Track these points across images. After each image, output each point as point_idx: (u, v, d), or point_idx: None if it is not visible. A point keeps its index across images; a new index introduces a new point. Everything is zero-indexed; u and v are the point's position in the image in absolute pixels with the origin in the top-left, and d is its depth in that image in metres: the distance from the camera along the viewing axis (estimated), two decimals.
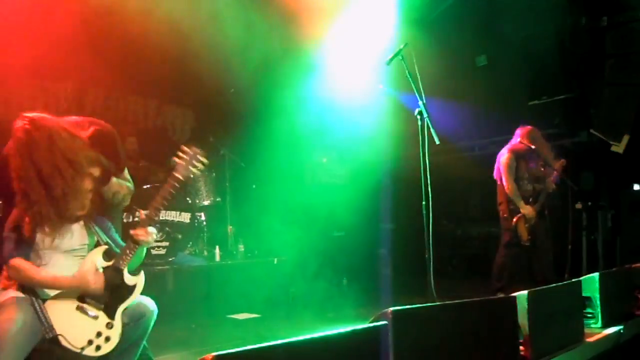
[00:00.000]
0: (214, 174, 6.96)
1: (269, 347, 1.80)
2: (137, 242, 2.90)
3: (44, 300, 2.73)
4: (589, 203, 6.38)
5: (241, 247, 6.77)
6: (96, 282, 2.80)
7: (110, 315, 2.84)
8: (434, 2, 7.22)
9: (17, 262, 2.70)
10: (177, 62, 6.15)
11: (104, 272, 2.85)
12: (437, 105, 6.61)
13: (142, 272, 2.98)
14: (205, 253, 6.52)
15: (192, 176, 3.08)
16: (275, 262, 6.37)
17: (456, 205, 8.18)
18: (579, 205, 6.31)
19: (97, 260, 2.87)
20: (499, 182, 5.62)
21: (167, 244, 5.97)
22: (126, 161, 4.00)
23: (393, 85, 7.07)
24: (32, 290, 2.73)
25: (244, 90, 5.37)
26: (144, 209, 5.63)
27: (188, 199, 6.52)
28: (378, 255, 7.51)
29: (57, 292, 2.77)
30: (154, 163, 7.12)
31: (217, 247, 6.53)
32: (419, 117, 4.24)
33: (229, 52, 5.84)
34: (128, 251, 2.91)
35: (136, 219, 5.88)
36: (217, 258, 6.44)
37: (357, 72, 6.91)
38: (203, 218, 6.67)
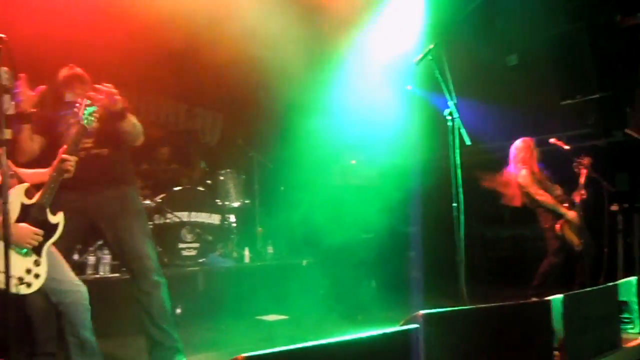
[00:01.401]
0: (243, 176, 7.01)
1: (300, 349, 1.79)
2: (64, 171, 3.02)
3: None
4: (625, 205, 6.22)
5: (270, 249, 6.80)
6: (17, 235, 2.83)
7: (37, 252, 2.96)
8: (463, 2, 7.14)
9: None
10: (208, 66, 6.20)
11: (27, 209, 2.94)
12: (467, 105, 6.53)
13: (61, 212, 3.08)
14: (235, 254, 6.57)
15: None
16: (305, 264, 6.37)
17: (486, 206, 8.05)
18: (614, 207, 6.16)
19: (18, 199, 2.94)
20: (517, 204, 5.59)
21: (197, 245, 6.03)
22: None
23: (422, 86, 7.04)
24: None
25: (273, 92, 5.39)
26: (176, 211, 5.71)
27: (218, 200, 6.58)
28: (407, 258, 7.45)
29: None
30: (184, 165, 7.20)
31: (246, 248, 6.56)
32: (449, 117, 4.19)
33: (257, 54, 5.87)
34: (52, 185, 3.01)
35: (167, 220, 5.97)
36: (247, 260, 6.48)
37: (386, 73, 6.89)
38: (232, 220, 6.72)
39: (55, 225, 3.07)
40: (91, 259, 5.30)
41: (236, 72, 6.20)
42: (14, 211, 2.90)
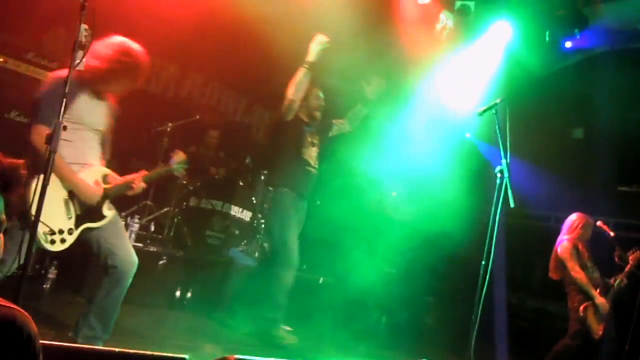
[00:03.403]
0: None
1: None
2: (131, 189, 3.42)
3: None
4: None
5: None
6: (93, 193, 3.23)
7: (76, 224, 3.18)
8: (540, 66, 7.06)
9: (43, 130, 2.87)
10: (275, 68, 6.30)
11: (99, 189, 3.28)
12: (521, 166, 6.45)
13: (114, 211, 3.40)
14: (257, 255, 6.59)
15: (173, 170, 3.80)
16: (321, 281, 6.35)
17: (517, 272, 7.88)
18: None
19: (98, 176, 3.33)
20: (556, 277, 5.46)
21: (223, 236, 6.09)
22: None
23: (481, 137, 6.97)
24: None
25: (330, 106, 5.43)
26: (211, 198, 5.93)
27: (253, 198, 6.63)
28: (425, 302, 7.33)
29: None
30: (230, 155, 7.32)
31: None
32: (499, 174, 4.13)
33: (331, 70, 5.92)
34: (120, 188, 3.39)
35: (201, 205, 6.08)
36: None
37: (448, 114, 6.85)
38: (262, 220, 6.76)
39: (102, 217, 3.32)
40: None
41: None
42: (90, 179, 3.27)
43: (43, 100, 3.10)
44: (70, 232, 3.14)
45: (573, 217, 5.58)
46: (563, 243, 5.44)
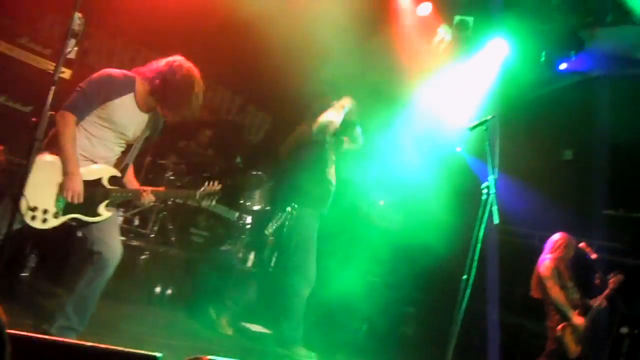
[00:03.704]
0: (271, 183, 7.03)
1: None
2: (138, 199, 3.40)
3: None
4: (636, 331, 6.01)
5: (274, 261, 6.76)
6: (77, 189, 3.15)
7: (65, 211, 3.18)
8: (534, 85, 7.10)
9: (69, 117, 3.10)
10: (271, 70, 6.31)
11: (98, 185, 3.28)
12: (509, 183, 6.48)
13: (114, 212, 3.39)
14: (240, 255, 6.55)
15: (200, 201, 3.65)
16: None
17: (499, 288, 7.89)
18: (624, 330, 5.97)
19: (104, 175, 3.31)
20: (537, 295, 5.49)
21: (207, 234, 6.07)
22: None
23: (471, 152, 6.99)
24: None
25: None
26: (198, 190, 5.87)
27: (241, 199, 6.60)
28: (405, 313, 7.33)
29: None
30: (220, 154, 7.30)
31: (252, 252, 6.55)
32: (485, 190, 4.14)
33: (327, 75, 5.92)
34: (126, 195, 3.39)
35: (188, 202, 6.03)
36: (249, 263, 6.46)
37: (440, 127, 6.87)
38: (249, 221, 6.73)
39: (96, 214, 3.29)
40: None
41: (296, 84, 6.27)
42: (94, 175, 3.27)
43: (85, 90, 3.20)
44: (55, 215, 3.15)
45: (556, 237, 5.62)
46: (545, 262, 5.47)
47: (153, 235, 5.77)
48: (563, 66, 6.54)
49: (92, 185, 3.26)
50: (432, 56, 6.72)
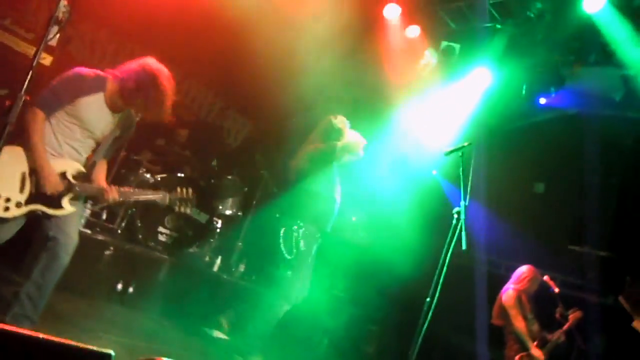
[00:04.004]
0: (245, 189, 7.00)
1: None
2: (102, 196, 3.42)
3: None
4: None
5: (242, 267, 6.72)
6: (54, 181, 3.23)
7: (27, 201, 3.20)
8: (512, 117, 7.22)
9: (38, 113, 3.18)
10: (256, 77, 6.31)
11: (64, 178, 3.30)
12: (480, 211, 6.55)
13: (76, 207, 3.38)
14: (207, 259, 6.50)
15: (171, 205, 3.70)
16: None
17: (461, 315, 7.94)
18: None
19: (69, 169, 3.34)
20: (498, 323, 5.55)
21: (175, 235, 6.00)
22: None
23: (446, 175, 7.06)
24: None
25: (305, 125, 5.46)
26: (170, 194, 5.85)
27: (213, 201, 6.56)
28: (368, 330, 7.32)
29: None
30: (195, 155, 7.25)
31: (219, 257, 6.51)
32: (455, 216, 4.17)
33: (305, 86, 5.94)
34: (90, 192, 3.42)
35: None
36: (215, 268, 6.41)
37: (417, 149, 6.93)
38: (219, 225, 6.68)
39: (60, 207, 3.31)
40: None
41: (279, 92, 6.28)
42: (59, 168, 3.29)
43: (55, 88, 3.25)
44: (18, 205, 3.16)
45: (523, 269, 5.70)
46: (508, 291, 5.54)
47: (120, 231, 5.69)
48: (542, 101, 6.67)
49: (55, 177, 3.28)
50: (416, 78, 6.79)
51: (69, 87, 3.25)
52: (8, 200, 3.11)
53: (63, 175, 3.32)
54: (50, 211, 3.27)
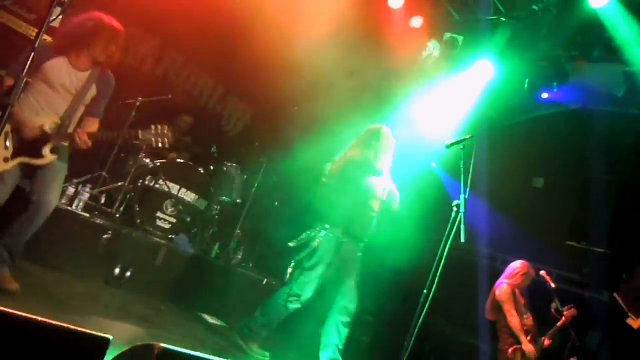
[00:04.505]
0: (245, 176, 6.99)
1: None
2: (72, 140, 3.61)
3: None
4: None
5: (239, 255, 6.72)
6: (29, 129, 3.51)
7: (13, 155, 3.51)
8: (514, 111, 7.21)
9: (7, 80, 3.40)
10: (256, 63, 6.27)
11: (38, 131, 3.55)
12: (479, 204, 6.54)
13: (58, 161, 3.65)
14: (204, 245, 6.50)
15: (150, 142, 3.74)
16: (264, 282, 6.29)
17: (456, 306, 7.97)
18: None
19: (46, 121, 3.60)
20: (491, 318, 5.58)
21: (174, 220, 5.99)
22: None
23: (446, 168, 7.05)
24: None
25: (306, 112, 5.44)
26: (169, 180, 5.88)
27: (212, 188, 6.54)
28: (362, 320, 7.34)
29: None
30: (195, 141, 7.23)
31: (217, 244, 6.51)
32: (455, 208, 4.18)
33: (307, 74, 5.92)
34: (62, 138, 3.61)
35: (157, 185, 5.95)
36: (213, 254, 6.41)
37: (417, 140, 6.91)
38: (217, 211, 6.68)
39: (41, 156, 3.60)
40: (70, 190, 5.26)
41: (280, 79, 6.25)
42: (37, 122, 3.57)
43: (20, 56, 3.44)
44: (5, 160, 3.48)
45: (516, 264, 5.71)
46: (502, 286, 5.55)
47: (118, 215, 5.68)
48: (545, 95, 6.64)
49: (34, 130, 3.57)
50: (419, 70, 6.76)
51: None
52: None
53: (40, 127, 3.59)
54: (33, 161, 3.56)
